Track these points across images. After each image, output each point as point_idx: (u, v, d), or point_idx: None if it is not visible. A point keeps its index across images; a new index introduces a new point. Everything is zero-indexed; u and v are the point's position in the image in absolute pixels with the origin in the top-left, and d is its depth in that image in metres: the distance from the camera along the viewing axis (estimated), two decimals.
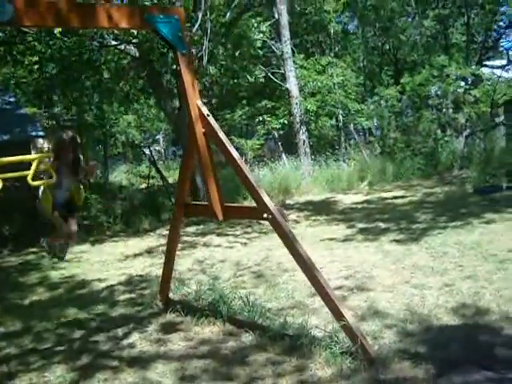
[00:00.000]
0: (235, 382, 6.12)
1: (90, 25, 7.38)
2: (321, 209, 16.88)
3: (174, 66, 14.09)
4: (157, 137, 41.37)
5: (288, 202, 18.79)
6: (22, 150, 16.30)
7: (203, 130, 7.20)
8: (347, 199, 18.28)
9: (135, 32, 15.10)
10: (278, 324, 7.40)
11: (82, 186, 7.65)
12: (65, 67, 16.45)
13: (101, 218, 17.29)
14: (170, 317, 8.40)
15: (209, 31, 14.52)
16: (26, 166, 6.48)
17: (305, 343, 6.63)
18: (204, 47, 14.82)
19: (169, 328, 7.99)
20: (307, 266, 6.52)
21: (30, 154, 18.07)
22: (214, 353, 6.98)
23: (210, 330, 7.72)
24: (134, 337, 7.83)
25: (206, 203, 7.68)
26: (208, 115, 7.12)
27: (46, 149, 6.29)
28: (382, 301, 8.14)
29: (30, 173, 6.26)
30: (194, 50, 15.49)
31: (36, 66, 16.96)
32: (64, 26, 9.58)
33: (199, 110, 7.14)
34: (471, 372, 5.62)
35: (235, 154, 6.94)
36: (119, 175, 28.29)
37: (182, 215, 8.26)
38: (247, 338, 7.31)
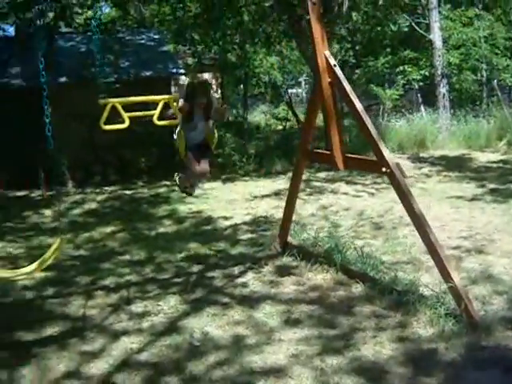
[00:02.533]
0: (337, 330, 6.24)
1: None
2: (454, 165, 16.46)
3: None
4: (299, 79, 41.17)
5: (422, 155, 18.45)
6: (163, 86, 16.82)
7: (329, 80, 7.21)
8: (483, 157, 17.69)
9: None
10: (388, 278, 7.43)
11: (215, 130, 7.73)
12: (208, 7, 16.73)
13: (234, 156, 17.63)
14: (285, 260, 8.59)
15: None
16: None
17: (411, 300, 6.62)
18: None
19: (283, 271, 8.20)
20: (420, 223, 6.49)
21: (170, 90, 18.64)
22: (321, 300, 7.13)
23: (322, 277, 7.85)
24: (248, 276, 8.10)
25: (327, 152, 7.72)
26: (335, 65, 7.12)
27: (175, 90, 6.40)
28: (498, 266, 7.96)
29: (156, 113, 6.53)
30: None
31: (180, 5, 17.31)
32: None
33: (326, 60, 7.14)
34: None
35: (359, 105, 6.91)
36: (258, 115, 28.60)
37: (304, 161, 8.38)
38: (357, 288, 7.40)
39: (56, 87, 16.12)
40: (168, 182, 15.29)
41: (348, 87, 7.01)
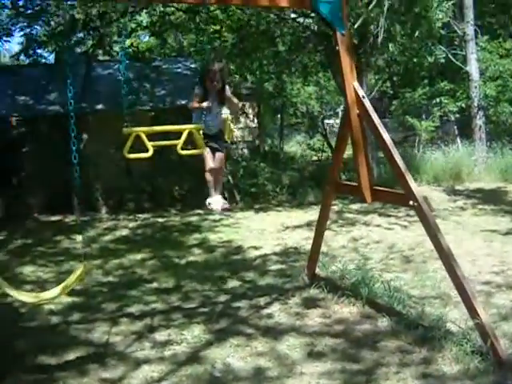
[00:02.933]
0: (360, 364, 6.15)
1: (251, 3, 7.56)
2: (490, 198, 16.23)
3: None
4: (337, 110, 41.20)
5: (457, 187, 18.24)
6: None
7: (357, 112, 7.19)
8: None
9: None
10: (415, 313, 7.32)
11: (230, 121, 7.57)
12: (243, 38, 16.87)
13: (268, 186, 17.61)
14: (313, 292, 8.52)
15: (386, 9, 14.27)
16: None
17: (437, 336, 6.53)
18: (380, 25, 14.62)
19: (309, 303, 8.13)
20: (447, 258, 6.39)
21: None
22: (347, 333, 7.05)
23: (348, 311, 7.77)
24: (275, 307, 8.04)
25: (355, 184, 7.70)
26: (363, 97, 7.10)
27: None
28: None
29: (180, 142, 6.53)
30: (371, 27, 15.37)
31: (216, 35, 17.45)
32: (226, 3, 9.81)
33: (355, 91, 7.12)
34: None
35: (387, 137, 6.86)
36: (295, 146, 28.61)
37: (333, 193, 8.34)
38: (383, 322, 7.30)
39: (93, 114, 16.44)
40: (201, 211, 15.33)
41: (376, 119, 6.98)
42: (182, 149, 6.61)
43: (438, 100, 22.56)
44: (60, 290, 6.01)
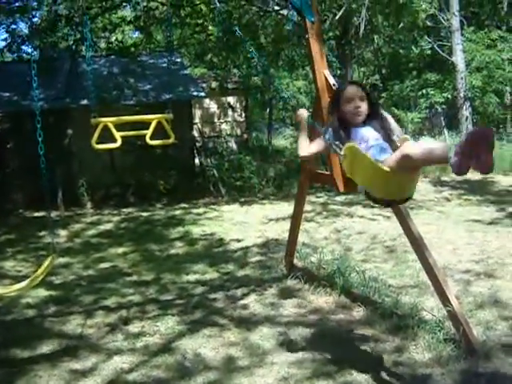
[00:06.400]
0: (331, 354, 6.12)
1: None
2: (475, 188, 16.25)
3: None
4: None
5: (444, 178, 18.27)
6: (183, 108, 16.98)
7: (328, 100, 7.12)
8: (506, 181, 17.41)
9: None
10: (391, 302, 7.29)
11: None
12: (225, 31, 16.81)
13: (253, 179, 17.56)
14: (290, 283, 8.51)
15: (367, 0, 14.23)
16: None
17: (411, 325, 6.52)
18: (362, 16, 14.56)
19: (285, 293, 8.11)
20: (418, 246, 6.39)
21: (191, 112, 18.77)
22: (320, 323, 7.03)
23: (324, 301, 7.75)
24: (250, 298, 8.03)
25: (328, 173, 7.64)
26: (334, 85, 7.04)
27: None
28: (507, 290, 7.77)
29: (149, 132, 6.51)
30: (354, 18, 15.35)
31: (198, 29, 17.37)
32: None
33: (326, 79, 7.07)
34: None
35: None
36: (283, 139, 28.54)
37: (307, 183, 8.27)
38: (358, 312, 7.30)
39: (78, 110, 16.38)
40: (186, 205, 15.34)
41: None
42: (152, 139, 6.58)
43: (424, 91, 22.55)
44: (29, 282, 6.00)
